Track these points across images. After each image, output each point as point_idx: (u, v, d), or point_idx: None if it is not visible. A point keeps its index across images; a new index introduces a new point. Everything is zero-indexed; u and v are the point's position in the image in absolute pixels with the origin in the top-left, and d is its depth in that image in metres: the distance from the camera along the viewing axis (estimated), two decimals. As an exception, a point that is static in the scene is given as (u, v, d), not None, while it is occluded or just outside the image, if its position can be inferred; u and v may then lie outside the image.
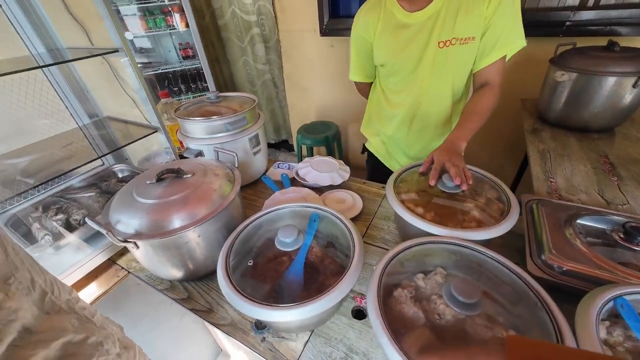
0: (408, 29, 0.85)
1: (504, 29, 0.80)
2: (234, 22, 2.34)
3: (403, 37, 0.87)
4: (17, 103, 0.89)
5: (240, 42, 2.43)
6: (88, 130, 0.96)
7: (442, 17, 0.81)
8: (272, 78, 2.51)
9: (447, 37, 0.82)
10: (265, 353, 0.56)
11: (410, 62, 0.89)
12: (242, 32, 2.34)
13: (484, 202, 0.67)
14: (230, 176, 0.72)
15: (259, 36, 2.29)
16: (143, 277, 0.74)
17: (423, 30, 0.84)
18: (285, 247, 0.58)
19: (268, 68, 2.45)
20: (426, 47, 0.85)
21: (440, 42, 0.83)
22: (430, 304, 0.52)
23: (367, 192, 0.95)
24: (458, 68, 0.88)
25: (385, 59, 0.93)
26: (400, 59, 0.90)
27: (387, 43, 0.89)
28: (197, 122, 0.85)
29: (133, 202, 0.61)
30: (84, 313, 0.44)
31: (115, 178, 0.97)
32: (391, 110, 1.03)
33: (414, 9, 0.84)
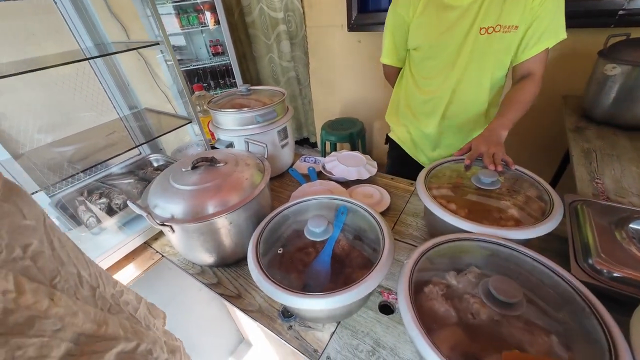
0: (452, 11, 0.82)
1: (552, 20, 0.77)
2: (262, 19, 2.37)
3: (446, 20, 0.83)
4: (66, 94, 0.96)
5: (266, 39, 2.46)
6: (128, 120, 1.02)
7: (488, 2, 0.78)
8: (297, 75, 2.52)
9: (490, 24, 0.79)
10: (292, 341, 0.56)
11: (449, 47, 0.86)
12: (269, 29, 2.37)
13: (523, 201, 0.64)
14: (261, 166, 0.74)
15: (285, 33, 2.31)
16: (176, 261, 0.78)
17: (467, 14, 0.81)
18: (314, 237, 0.58)
19: (292, 65, 2.46)
20: (468, 32, 0.82)
21: (482, 28, 0.80)
22: (462, 302, 0.50)
23: (395, 188, 0.93)
24: (497, 57, 0.85)
25: (423, 41, 0.89)
26: (439, 42, 0.86)
27: (428, 24, 0.86)
28: (229, 113, 0.87)
29: (170, 188, 0.64)
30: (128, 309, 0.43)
31: (151, 167, 1.02)
32: (423, 97, 0.99)
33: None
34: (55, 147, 0.93)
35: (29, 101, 0.95)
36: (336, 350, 0.54)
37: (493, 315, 0.46)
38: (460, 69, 0.88)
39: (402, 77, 1.08)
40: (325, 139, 2.17)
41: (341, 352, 0.53)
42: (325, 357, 0.53)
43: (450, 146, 1.04)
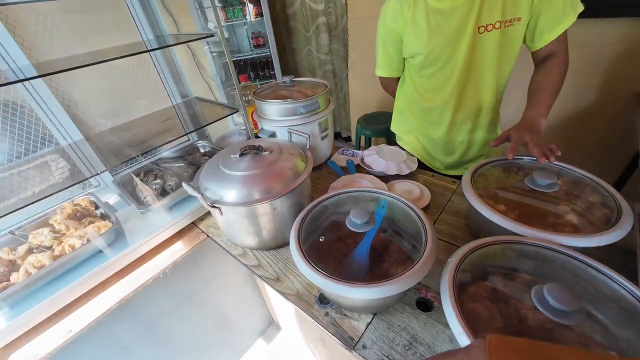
0: (442, 15, 0.79)
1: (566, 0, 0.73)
2: (302, 11, 2.38)
3: (437, 24, 0.80)
4: (127, 83, 1.05)
5: (305, 31, 2.48)
6: (180, 108, 1.09)
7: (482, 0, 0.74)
8: (333, 68, 2.51)
9: (489, 21, 0.76)
10: (329, 327, 0.58)
11: (446, 51, 0.82)
12: (309, 20, 2.38)
13: (584, 207, 0.59)
14: (303, 156, 0.75)
15: (325, 25, 2.30)
16: (220, 242, 0.83)
17: (461, 15, 0.77)
18: (356, 228, 0.58)
19: (330, 58, 2.45)
20: (463, 33, 0.78)
21: (480, 26, 0.77)
22: (509, 307, 0.48)
23: (436, 185, 0.91)
24: (503, 52, 0.80)
25: (418, 48, 0.86)
26: (435, 47, 0.83)
27: (420, 31, 0.83)
28: (274, 104, 0.90)
29: (220, 173, 0.68)
30: None
31: (198, 152, 1.09)
32: (427, 105, 0.96)
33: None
34: (116, 132, 1.02)
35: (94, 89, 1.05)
36: (372, 340, 0.55)
37: (544, 324, 0.44)
38: (463, 72, 0.84)
39: (402, 86, 1.05)
40: (360, 133, 2.15)
41: (377, 343, 0.54)
42: (361, 345, 0.54)
43: (462, 143, 1.00)
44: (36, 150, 0.91)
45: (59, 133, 0.89)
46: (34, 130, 0.89)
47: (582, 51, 1.34)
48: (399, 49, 0.93)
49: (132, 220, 0.85)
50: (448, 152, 1.04)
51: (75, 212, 0.81)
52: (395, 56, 0.96)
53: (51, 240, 0.74)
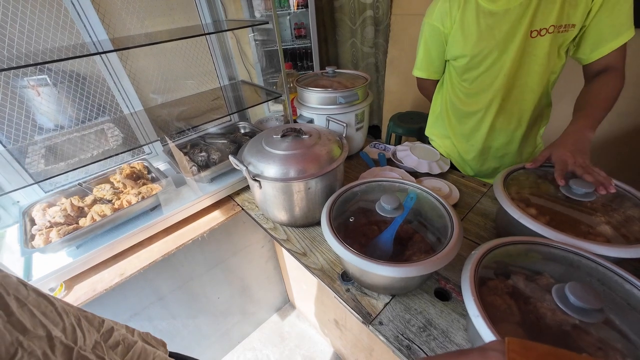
0: (493, 17, 0.77)
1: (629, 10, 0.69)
2: (350, 4, 2.40)
3: (486, 26, 0.78)
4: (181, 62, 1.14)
5: (352, 24, 2.49)
6: (226, 90, 1.17)
7: (537, 3, 0.72)
8: (376, 62, 2.50)
9: (543, 25, 0.73)
10: (349, 301, 0.62)
11: (493, 53, 0.80)
12: (356, 13, 2.39)
13: (621, 220, 0.58)
14: (340, 144, 0.79)
15: (371, 19, 2.30)
16: (253, 215, 0.90)
17: (512, 18, 0.75)
18: (384, 212, 0.62)
19: (373, 52, 2.45)
20: (514, 36, 0.76)
21: (533, 30, 0.74)
22: (528, 305, 0.50)
23: (465, 186, 0.91)
24: (552, 59, 0.77)
25: (463, 51, 0.84)
26: (481, 49, 0.81)
27: (468, 33, 0.81)
28: (316, 92, 0.94)
29: (262, 150, 0.74)
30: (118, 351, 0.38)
31: (239, 132, 1.17)
32: (467, 109, 0.93)
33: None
34: (166, 107, 1.12)
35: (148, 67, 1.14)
36: (389, 318, 0.58)
37: (562, 324, 0.46)
38: (508, 77, 0.81)
39: (441, 89, 1.03)
40: (392, 131, 2.14)
41: (393, 322, 0.58)
42: (378, 321, 0.58)
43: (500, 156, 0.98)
44: (97, 118, 1.03)
45: (124, 102, 1.00)
46: (99, 100, 1.00)
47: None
48: (442, 51, 0.92)
49: (179, 187, 0.94)
50: (483, 159, 1.02)
51: (132, 173, 0.91)
52: (437, 58, 0.95)
53: (111, 195, 0.85)
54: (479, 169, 1.06)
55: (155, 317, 0.97)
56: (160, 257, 0.80)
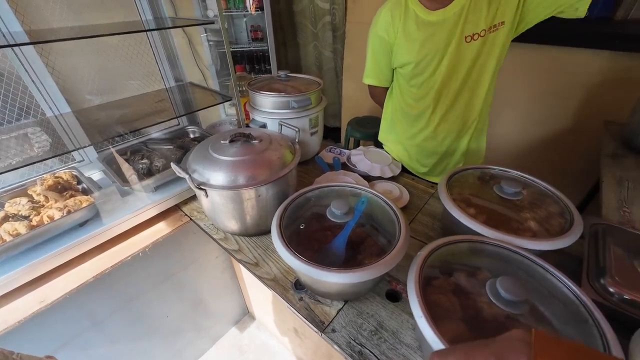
0: (432, 26, 0.84)
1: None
2: (310, 8, 2.43)
3: (428, 34, 0.85)
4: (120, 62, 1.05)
5: (313, 27, 2.52)
6: (172, 92, 1.09)
7: (468, 11, 0.79)
8: (335, 67, 2.56)
9: (475, 31, 0.81)
10: (301, 310, 0.61)
11: (435, 59, 0.87)
12: (316, 18, 2.43)
13: (543, 216, 0.64)
14: (292, 149, 0.78)
15: (329, 24, 2.35)
16: (202, 225, 0.84)
17: (449, 27, 0.82)
18: (335, 218, 0.62)
19: (333, 56, 2.50)
20: (451, 43, 0.83)
21: (467, 36, 0.82)
22: (469, 300, 0.53)
23: (415, 188, 0.95)
24: (488, 58, 0.86)
25: (407, 58, 0.90)
26: (424, 55, 0.87)
27: (411, 41, 0.87)
28: (268, 96, 0.92)
29: (209, 157, 0.70)
30: None
31: (188, 137, 1.09)
32: (413, 112, 1.00)
33: (436, 7, 0.82)
34: (104, 109, 1.02)
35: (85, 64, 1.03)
36: (341, 325, 0.58)
37: (497, 316, 0.49)
38: (447, 80, 0.89)
39: (391, 96, 1.08)
40: (350, 135, 2.19)
41: (346, 328, 0.57)
42: (331, 329, 0.57)
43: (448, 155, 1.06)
44: (20, 119, 0.90)
45: (46, 104, 0.88)
46: (19, 99, 0.87)
47: (563, 76, 1.43)
48: (389, 59, 0.97)
49: (115, 198, 0.85)
50: (433, 159, 1.09)
51: (56, 184, 0.80)
52: (385, 66, 0.99)
53: (29, 210, 0.74)
54: (430, 169, 1.12)
55: (90, 345, 0.86)
56: (92, 277, 0.71)
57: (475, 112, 0.96)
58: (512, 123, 1.68)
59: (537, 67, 1.51)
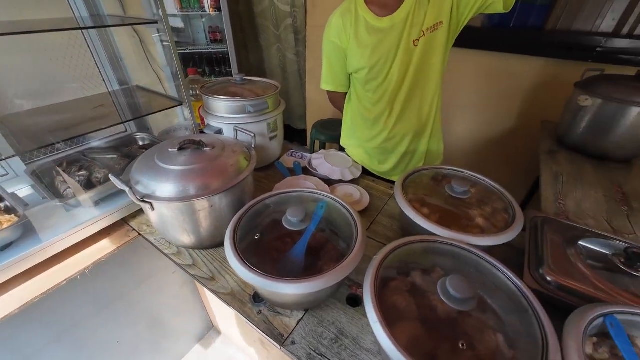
0: (381, 33, 0.87)
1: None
2: (271, 10, 2.40)
3: (378, 40, 0.87)
4: (54, 63, 0.94)
5: (275, 29, 2.49)
6: (117, 96, 1.01)
7: (413, 15, 0.83)
8: (299, 69, 2.55)
9: (418, 35, 0.85)
10: (260, 324, 0.58)
11: (387, 63, 0.90)
12: (278, 20, 2.40)
13: (490, 212, 0.68)
14: (247, 155, 0.75)
15: (291, 27, 2.34)
16: (152, 240, 0.78)
17: (397, 32, 0.85)
18: (291, 226, 0.60)
19: (296, 59, 2.49)
20: (400, 47, 0.87)
21: (414, 40, 0.86)
22: (424, 299, 0.54)
23: (375, 190, 0.97)
24: (433, 56, 0.90)
25: (361, 64, 0.92)
26: (375, 61, 0.90)
27: (363, 47, 0.89)
28: (221, 100, 0.88)
29: (154, 166, 0.65)
30: None
31: (136, 145, 1.01)
32: (371, 116, 1.03)
33: (385, 14, 0.85)
34: (34, 116, 0.91)
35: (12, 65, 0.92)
36: (301, 336, 0.56)
37: (450, 313, 0.50)
38: (402, 83, 0.93)
39: (350, 102, 1.10)
40: (315, 138, 2.19)
41: (306, 338, 0.56)
42: (290, 341, 0.55)
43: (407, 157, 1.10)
44: None
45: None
46: None
47: (507, 80, 1.56)
48: (344, 64, 0.98)
49: (48, 215, 0.75)
50: (394, 159, 1.12)
51: (-29, 204, 0.69)
52: (341, 71, 1.00)
53: None
54: (390, 170, 1.15)
55: (21, 385, 0.75)
56: (17, 309, 0.62)
57: (426, 112, 1.01)
58: (464, 124, 1.79)
59: (483, 71, 1.62)
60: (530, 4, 1.38)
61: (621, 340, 0.44)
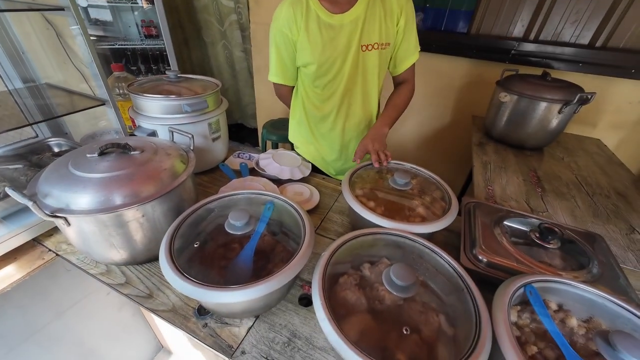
0: (333, 30, 0.87)
1: (415, 39, 0.95)
2: (214, 5, 2.27)
3: (329, 37, 0.88)
4: None
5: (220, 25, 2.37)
6: (20, 95, 0.86)
7: (364, 22, 0.86)
8: (248, 67, 2.47)
9: (369, 42, 0.89)
10: (206, 339, 0.54)
11: (336, 64, 0.91)
12: (222, 16, 2.29)
13: (429, 201, 0.73)
14: (184, 158, 0.69)
15: (237, 23, 2.25)
16: (74, 260, 0.68)
17: (347, 33, 0.88)
18: (235, 230, 0.57)
19: (245, 56, 2.41)
20: (350, 49, 0.89)
21: (363, 45, 0.90)
22: (372, 291, 0.55)
23: (325, 187, 0.97)
24: (380, 70, 0.96)
25: (312, 58, 0.90)
26: (327, 58, 0.90)
27: (314, 41, 0.88)
28: (153, 99, 0.80)
29: (68, 175, 0.56)
30: None
31: (49, 152, 0.87)
32: (320, 114, 1.04)
33: (336, 11, 0.86)
34: None
35: None
36: (252, 344, 0.53)
37: (396, 300, 0.52)
38: (350, 84, 0.96)
39: (297, 96, 1.09)
40: (266, 138, 2.14)
41: (257, 346, 0.53)
42: (240, 352, 0.52)
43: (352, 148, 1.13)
44: None
45: None
46: None
47: (441, 79, 1.69)
48: (294, 56, 0.95)
49: None
50: (343, 159, 1.13)
51: None
52: (290, 63, 0.97)
53: None
54: (341, 168, 1.17)
55: None
56: None
57: (371, 110, 1.05)
58: (405, 122, 1.91)
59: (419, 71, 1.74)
60: (457, 10, 1.52)
61: (538, 305, 0.49)
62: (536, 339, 0.48)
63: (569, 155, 1.24)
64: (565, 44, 1.38)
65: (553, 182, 1.04)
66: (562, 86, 1.13)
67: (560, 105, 1.09)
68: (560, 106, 1.09)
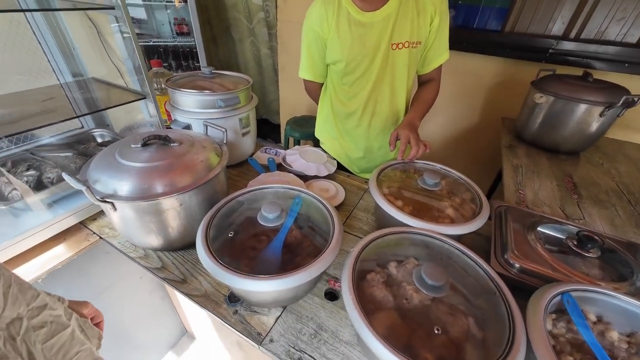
0: (363, 27, 0.88)
1: (446, 40, 0.94)
2: (243, 3, 2.33)
3: (358, 35, 0.88)
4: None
5: (248, 22, 2.43)
6: (70, 88, 0.92)
7: (395, 20, 0.86)
8: (273, 64, 2.51)
9: (400, 40, 0.88)
10: (236, 325, 0.56)
11: (365, 61, 0.91)
12: (251, 13, 2.35)
13: (459, 203, 0.71)
14: (218, 151, 0.72)
15: (264, 21, 2.30)
16: (116, 243, 0.72)
17: (378, 31, 0.87)
18: (267, 222, 0.58)
19: (270, 53, 2.45)
20: (380, 47, 0.89)
21: (393, 43, 0.89)
22: (400, 289, 0.55)
23: (350, 185, 0.98)
24: (410, 69, 0.95)
25: (340, 56, 0.92)
26: (355, 56, 0.90)
27: (343, 39, 0.89)
28: (189, 94, 0.84)
29: (115, 164, 0.60)
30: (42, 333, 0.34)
31: (94, 142, 0.93)
32: (347, 111, 1.04)
33: (368, 9, 0.86)
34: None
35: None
36: (280, 333, 0.55)
37: (424, 300, 0.52)
38: (378, 82, 0.95)
39: (325, 93, 1.10)
40: (289, 135, 2.17)
41: (284, 335, 0.55)
42: (269, 340, 0.54)
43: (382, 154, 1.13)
44: None
45: None
46: None
47: (470, 79, 1.64)
48: (324, 54, 0.96)
49: (-9, 221, 0.67)
50: (368, 158, 1.13)
51: None
52: (320, 60, 0.99)
53: None
54: (365, 167, 1.17)
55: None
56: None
57: (398, 110, 1.03)
58: (433, 121, 1.86)
59: (449, 70, 1.69)
60: (490, 7, 1.46)
61: (576, 315, 0.47)
62: (572, 349, 0.46)
63: (608, 161, 1.17)
64: (610, 43, 1.30)
65: (590, 188, 0.98)
66: (605, 87, 1.07)
67: (603, 108, 1.02)
68: (603, 109, 1.03)
